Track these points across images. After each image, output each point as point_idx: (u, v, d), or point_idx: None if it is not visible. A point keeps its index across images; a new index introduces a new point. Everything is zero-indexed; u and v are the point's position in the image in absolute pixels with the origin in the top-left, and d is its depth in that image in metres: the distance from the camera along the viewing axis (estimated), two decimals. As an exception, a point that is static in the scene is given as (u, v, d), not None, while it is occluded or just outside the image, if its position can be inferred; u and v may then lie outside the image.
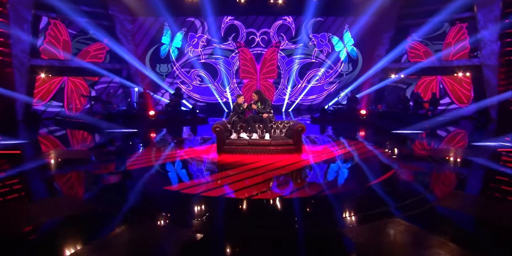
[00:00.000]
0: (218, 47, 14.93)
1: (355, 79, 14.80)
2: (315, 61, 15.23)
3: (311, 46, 15.16)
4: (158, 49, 14.57)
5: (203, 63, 15.02)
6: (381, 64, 13.47)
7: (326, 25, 14.92)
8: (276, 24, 15.01)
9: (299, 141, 6.81)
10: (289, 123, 7.37)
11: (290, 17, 15.00)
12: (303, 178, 5.33)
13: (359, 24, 14.05)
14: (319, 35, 15.07)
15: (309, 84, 15.23)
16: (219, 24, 14.85)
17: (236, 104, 7.38)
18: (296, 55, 15.18)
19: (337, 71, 15.21)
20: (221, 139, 6.82)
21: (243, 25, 15.02)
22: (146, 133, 9.69)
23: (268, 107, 7.26)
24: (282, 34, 15.09)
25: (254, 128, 7.16)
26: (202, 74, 15.05)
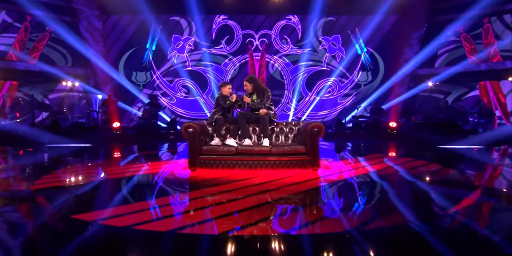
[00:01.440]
0: (208, 52, 13.73)
1: (376, 90, 13.43)
2: (326, 69, 13.88)
3: (321, 51, 13.90)
4: (135, 53, 13.35)
5: (189, 71, 13.76)
6: (409, 69, 12.28)
7: (339, 26, 13.72)
8: (278, 25, 13.90)
9: (315, 149, 5.01)
10: (299, 125, 5.66)
11: (295, 17, 13.87)
12: (321, 205, 3.59)
13: (379, 24, 12.93)
14: (330, 37, 13.83)
15: (319, 97, 13.81)
16: (210, 25, 13.78)
17: (221, 96, 5.65)
18: (303, 61, 13.89)
19: (353, 81, 13.80)
20: (195, 145, 5.00)
21: (238, 25, 13.88)
22: (101, 148, 8.24)
23: (267, 101, 5.58)
24: (286, 36, 13.88)
25: (246, 131, 5.40)
26: (188, 84, 13.71)
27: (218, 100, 5.62)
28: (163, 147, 8.74)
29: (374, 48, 13.53)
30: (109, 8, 12.35)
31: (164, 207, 3.43)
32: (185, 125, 5.09)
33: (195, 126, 5.08)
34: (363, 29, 13.27)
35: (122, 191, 4.18)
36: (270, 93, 5.67)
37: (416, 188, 4.24)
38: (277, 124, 5.73)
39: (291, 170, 5.05)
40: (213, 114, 5.62)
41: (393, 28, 12.88)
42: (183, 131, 5.06)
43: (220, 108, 5.60)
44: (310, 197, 3.87)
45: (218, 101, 5.62)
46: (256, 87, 5.63)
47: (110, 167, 5.78)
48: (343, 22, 13.61)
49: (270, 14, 13.63)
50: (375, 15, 12.80)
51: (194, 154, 5.03)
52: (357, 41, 13.55)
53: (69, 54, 12.40)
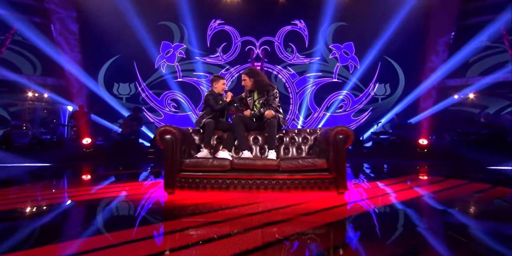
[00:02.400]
0: (202, 61, 13.05)
1: (397, 104, 12.66)
2: (338, 80, 13.12)
3: (331, 60, 13.19)
4: (117, 62, 12.65)
5: (180, 82, 13.06)
6: (436, 79, 11.65)
7: (352, 31, 13.00)
8: (283, 31, 13.31)
9: (341, 163, 3.93)
10: (315, 133, 4.64)
11: (301, 22, 13.26)
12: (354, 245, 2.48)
13: (398, 28, 12.26)
14: (342, 45, 13.17)
15: (329, 113, 13.02)
16: (204, 30, 13.15)
17: (211, 95, 4.64)
18: (311, 72, 13.22)
19: (369, 95, 13.01)
20: (174, 157, 3.88)
21: (237, 31, 13.25)
22: (63, 169, 7.12)
23: (273, 101, 4.55)
24: (291, 44, 13.26)
25: (245, 141, 4.36)
26: (179, 97, 12.96)
27: (208, 99, 4.59)
28: (141, 167, 7.76)
29: (391, 56, 12.77)
30: (88, 9, 11.74)
31: (124, 247, 2.26)
32: (161, 129, 3.96)
33: (175, 132, 3.96)
34: (380, 35, 12.63)
35: (65, 222, 3.00)
36: (276, 91, 4.64)
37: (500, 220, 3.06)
38: (287, 132, 4.68)
39: (307, 193, 3.93)
40: (200, 118, 4.56)
41: (415, 33, 12.23)
42: (157, 138, 3.93)
43: (210, 110, 4.55)
44: (337, 233, 2.70)
45: (208, 101, 4.59)
46: (257, 83, 4.63)
47: (59, 190, 4.61)
48: (357, 27, 12.89)
49: (273, 19, 13.07)
50: (393, 19, 12.24)
51: (172, 170, 3.88)
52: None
53: (38, 61, 11.66)
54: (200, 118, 4.56)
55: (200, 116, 4.61)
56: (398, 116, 11.29)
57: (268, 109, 4.43)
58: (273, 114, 4.35)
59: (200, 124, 4.49)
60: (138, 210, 3.39)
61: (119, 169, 7.26)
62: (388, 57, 12.75)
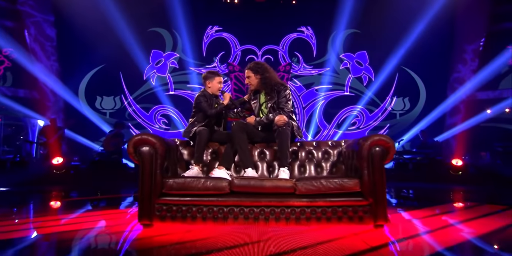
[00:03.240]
0: (197, 72, 12.76)
1: (418, 121, 12.34)
2: (350, 94, 12.83)
3: (342, 71, 12.91)
4: (101, 72, 12.45)
5: (172, 96, 12.78)
6: (465, 92, 11.38)
7: (366, 39, 12.73)
8: (287, 39, 13.08)
9: (380, 186, 3.19)
10: (339, 146, 3.92)
11: (309, 28, 13.03)
12: None
13: (419, 36, 12.10)
14: (354, 54, 12.91)
15: (341, 130, 12.67)
16: (200, 38, 12.90)
17: (203, 96, 4.05)
18: (320, 85, 12.93)
19: (385, 110, 12.71)
20: (152, 177, 3.13)
21: (236, 39, 13.02)
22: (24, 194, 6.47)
23: (285, 104, 3.90)
24: (297, 53, 13.01)
25: (248, 156, 3.71)
26: (170, 113, 12.66)
27: (199, 102, 3.93)
28: (123, 191, 7.21)
29: (411, 66, 12.49)
30: (68, 12, 11.44)
31: None
32: (136, 138, 3.18)
33: (155, 142, 3.18)
34: (397, 43, 12.40)
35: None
36: (289, 92, 3.97)
37: None
38: (302, 145, 3.98)
39: (334, 225, 3.14)
40: (190, 126, 3.88)
41: (439, 40, 12.01)
42: (130, 150, 3.16)
43: (202, 117, 3.85)
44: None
45: (199, 104, 3.91)
46: (265, 81, 3.96)
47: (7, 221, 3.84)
48: (371, 34, 12.68)
49: (277, 25, 12.83)
50: (414, 24, 12.05)
51: (150, 194, 3.08)
52: None
53: (8, 70, 11.39)
54: (189, 127, 3.85)
55: (189, 124, 3.90)
56: (424, 133, 10.90)
57: (278, 114, 3.72)
58: (285, 121, 3.63)
59: (189, 134, 3.77)
60: (102, 250, 2.56)
61: (96, 194, 6.75)
62: (407, 68, 12.49)
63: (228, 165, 3.65)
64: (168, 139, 3.60)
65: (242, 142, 3.65)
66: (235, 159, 3.75)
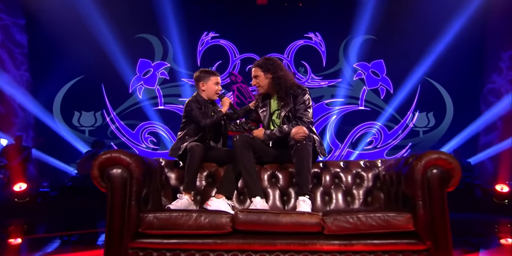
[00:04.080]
0: (190, 84, 12.72)
1: (445, 139, 12.21)
2: (365, 108, 12.77)
3: (356, 82, 12.87)
4: (80, 84, 12.43)
5: (162, 111, 12.71)
6: (503, 107, 11.24)
7: (382, 47, 12.66)
8: (293, 46, 13.07)
9: (441, 223, 2.64)
10: (376, 167, 3.44)
11: (317, 35, 12.98)
12: None
13: (446, 42, 12.04)
14: (370, 63, 12.84)
15: (357, 151, 12.56)
16: (194, 45, 12.90)
17: (195, 101, 3.56)
18: (331, 98, 12.89)
19: (406, 126, 12.60)
20: (125, 212, 2.61)
21: (234, 46, 13.00)
22: None
23: (303, 112, 3.63)
24: (305, 62, 12.97)
25: (255, 181, 3.21)
26: (159, 130, 12.56)
27: (191, 109, 3.43)
28: (101, 224, 7.02)
29: (436, 77, 12.39)
30: (41, 15, 11.40)
31: None
32: (103, 157, 2.62)
33: (129, 162, 2.64)
34: (420, 50, 12.34)
35: None
36: (309, 97, 3.64)
37: None
38: (326, 166, 3.48)
39: None
40: (178, 142, 3.39)
41: (469, 46, 11.94)
42: (94, 173, 2.61)
43: (195, 129, 3.40)
44: None
45: (190, 113, 3.42)
46: (278, 81, 3.55)
47: None
48: (390, 41, 12.60)
49: (281, 31, 12.75)
50: (439, 29, 12.02)
51: (119, 234, 2.53)
52: None
53: None
54: (178, 142, 3.35)
55: (178, 139, 3.40)
56: (457, 153, 10.74)
57: (296, 126, 3.29)
58: (305, 134, 3.16)
59: (178, 152, 3.26)
60: None
61: (68, 228, 6.60)
62: (431, 79, 12.37)
63: (229, 193, 3.18)
64: (149, 159, 3.04)
65: (248, 163, 3.19)
66: (238, 185, 3.28)
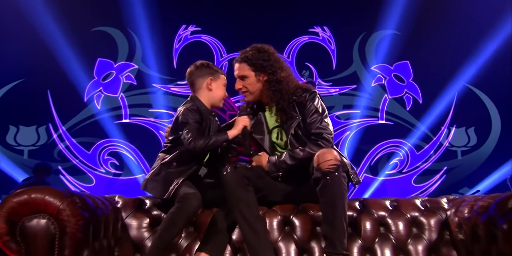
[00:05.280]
0: (163, 91, 12.59)
1: (492, 161, 12.00)
2: (387, 122, 12.59)
3: (375, 89, 12.70)
4: (17, 90, 12.17)
5: (126, 125, 12.46)
6: None
7: (408, 45, 12.58)
8: (295, 44, 12.97)
9: None
10: (442, 209, 3.32)
11: (326, 30, 12.93)
12: None
13: (490, 40, 12.07)
14: (392, 66, 12.70)
15: (381, 177, 12.30)
16: (169, 42, 12.78)
17: (195, 111, 3.30)
18: (343, 109, 12.72)
19: (440, 146, 12.42)
20: None
21: (221, 44, 12.87)
22: None
23: (321, 126, 3.34)
24: (309, 64, 12.77)
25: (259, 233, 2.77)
26: (122, 150, 12.26)
27: (187, 121, 3.10)
28: None
29: (477, 83, 12.29)
30: None
31: None
32: (17, 201, 2.05)
33: (60, 209, 2.13)
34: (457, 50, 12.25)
35: None
36: (321, 101, 3.65)
37: None
38: (364, 206, 3.13)
39: None
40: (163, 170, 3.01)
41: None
42: (0, 227, 2.02)
43: (187, 155, 3.06)
44: None
45: (187, 126, 3.07)
46: (276, 86, 3.38)
47: None
48: (417, 37, 12.55)
49: (280, 25, 12.64)
50: (481, 24, 11.94)
51: None
52: None
53: None
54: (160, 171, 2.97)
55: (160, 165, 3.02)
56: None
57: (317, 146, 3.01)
58: (338, 160, 2.75)
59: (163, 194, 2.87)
60: None
61: None
62: (472, 85, 12.26)
63: (217, 251, 2.73)
64: (95, 198, 2.52)
65: (247, 208, 2.80)
66: (231, 238, 2.85)
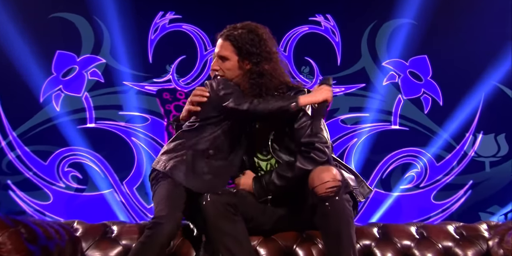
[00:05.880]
0: (137, 90, 12.30)
1: None
2: (401, 128, 12.41)
3: (387, 88, 12.54)
4: None
5: (91, 131, 12.17)
6: None
7: (426, 37, 12.43)
8: (293, 35, 12.83)
9: None
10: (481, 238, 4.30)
11: (329, 18, 12.75)
12: None
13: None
14: (407, 61, 12.52)
15: (394, 193, 12.13)
16: (143, 32, 12.55)
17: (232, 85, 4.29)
18: (349, 112, 12.57)
19: (465, 155, 12.19)
20: None
21: (205, 35, 12.62)
22: None
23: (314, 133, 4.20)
24: (310, 59, 12.68)
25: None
26: (87, 161, 11.99)
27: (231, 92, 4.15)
28: None
29: (509, 83, 12.16)
30: None
31: None
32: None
33: None
34: (484, 42, 12.06)
35: None
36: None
37: None
38: (384, 233, 4.04)
39: None
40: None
41: None
42: None
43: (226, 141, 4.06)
44: None
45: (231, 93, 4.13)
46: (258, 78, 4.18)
47: None
48: (438, 28, 12.38)
49: (276, 13, 12.45)
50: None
51: None
52: None
53: None
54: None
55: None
56: None
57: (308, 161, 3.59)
58: (338, 181, 3.24)
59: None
60: None
61: None
62: (503, 85, 12.10)
63: None
64: (44, 225, 3.63)
65: (233, 241, 3.34)
66: None
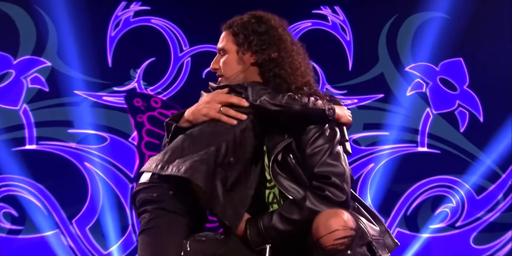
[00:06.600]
0: (93, 101, 11.81)
1: None
2: (429, 150, 11.82)
3: (412, 100, 11.98)
4: None
5: (31, 154, 11.59)
6: None
7: (462, 36, 11.84)
8: (293, 31, 11.92)
9: None
10: None
11: (338, 11, 12.19)
12: None
13: None
14: (438, 66, 11.89)
15: (422, 234, 11.49)
16: (101, 28, 11.91)
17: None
18: (364, 131, 12.09)
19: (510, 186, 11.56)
20: None
21: (181, 32, 12.08)
22: None
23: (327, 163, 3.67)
24: (313, 63, 11.39)
25: None
26: (25, 193, 11.40)
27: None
28: None
29: None
30: None
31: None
32: None
33: None
34: None
35: None
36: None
37: None
38: None
39: None
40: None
41: None
42: None
43: None
44: None
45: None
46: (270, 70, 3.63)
47: None
48: (479, 24, 11.82)
49: (272, 5, 11.80)
50: None
51: None
52: None
53: None
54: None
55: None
56: None
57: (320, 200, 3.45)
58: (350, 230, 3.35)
59: None
60: None
61: None
62: None
63: None
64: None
65: None
66: None
